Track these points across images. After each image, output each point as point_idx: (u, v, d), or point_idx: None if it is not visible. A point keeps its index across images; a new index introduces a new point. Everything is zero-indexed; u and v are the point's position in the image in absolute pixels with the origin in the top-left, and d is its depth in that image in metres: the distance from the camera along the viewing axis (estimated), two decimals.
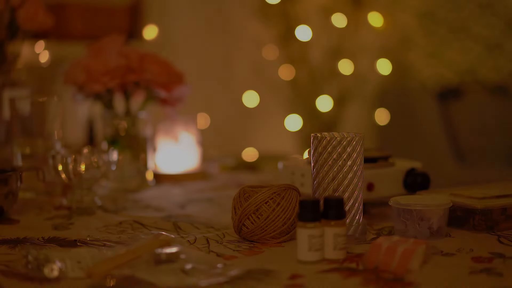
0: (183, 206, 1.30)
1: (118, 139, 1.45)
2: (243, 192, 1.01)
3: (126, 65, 1.40)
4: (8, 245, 1.00)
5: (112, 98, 1.45)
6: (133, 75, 1.41)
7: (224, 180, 1.59)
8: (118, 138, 1.45)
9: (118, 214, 1.22)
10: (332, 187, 0.97)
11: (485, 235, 1.02)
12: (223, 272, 0.85)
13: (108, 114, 1.46)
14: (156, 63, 1.43)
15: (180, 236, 1.05)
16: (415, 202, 1.00)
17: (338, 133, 1.00)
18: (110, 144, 1.44)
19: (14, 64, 1.57)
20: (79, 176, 1.26)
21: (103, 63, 1.39)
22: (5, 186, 1.14)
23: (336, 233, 0.90)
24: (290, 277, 0.84)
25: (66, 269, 0.85)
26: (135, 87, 1.46)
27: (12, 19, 1.50)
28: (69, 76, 1.43)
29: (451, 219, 1.04)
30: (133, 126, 1.46)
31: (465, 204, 1.05)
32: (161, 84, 1.44)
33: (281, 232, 0.99)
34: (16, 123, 1.35)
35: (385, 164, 1.22)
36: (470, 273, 0.85)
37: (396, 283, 0.82)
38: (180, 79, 1.48)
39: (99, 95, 1.44)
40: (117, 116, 1.46)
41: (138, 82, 1.44)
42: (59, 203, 1.28)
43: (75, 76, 1.40)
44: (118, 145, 1.44)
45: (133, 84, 1.44)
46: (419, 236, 0.99)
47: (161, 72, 1.43)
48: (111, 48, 1.42)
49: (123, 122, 1.45)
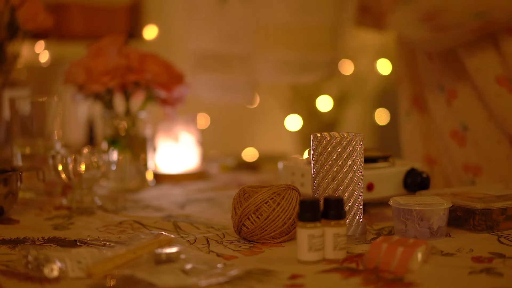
0: (183, 206, 1.30)
1: (118, 139, 1.45)
2: (243, 192, 1.01)
3: (126, 65, 1.40)
4: (8, 245, 1.00)
5: (112, 98, 1.45)
6: (133, 75, 1.41)
7: (224, 180, 1.59)
8: (118, 138, 1.45)
9: (118, 214, 1.22)
10: (332, 187, 0.98)
11: (485, 235, 1.02)
12: (223, 272, 0.85)
13: (108, 114, 1.46)
14: (157, 63, 1.43)
15: (180, 236, 1.05)
16: (415, 202, 1.00)
17: (338, 133, 1.00)
18: (110, 144, 1.44)
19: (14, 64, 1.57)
20: (79, 176, 1.25)
21: (103, 63, 1.38)
22: (5, 186, 1.14)
23: (336, 233, 0.90)
24: (290, 277, 0.84)
25: (66, 269, 0.84)
26: (135, 87, 1.45)
27: (12, 19, 1.50)
28: (69, 76, 1.42)
29: (451, 219, 1.04)
30: (133, 126, 1.46)
31: (465, 204, 1.05)
32: (161, 84, 1.44)
33: (281, 232, 0.99)
34: (16, 123, 1.35)
35: (385, 164, 1.22)
36: (470, 273, 0.85)
37: (396, 283, 0.82)
38: (180, 79, 1.48)
39: (99, 95, 1.44)
40: (117, 116, 1.46)
41: (138, 82, 1.43)
42: (59, 203, 1.28)
43: (75, 76, 1.40)
44: (118, 145, 1.44)
45: (133, 84, 1.44)
46: (419, 236, 0.99)
47: (161, 72, 1.43)
48: (111, 48, 1.42)
49: (123, 122, 1.45)
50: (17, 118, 1.36)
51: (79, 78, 1.40)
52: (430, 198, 1.04)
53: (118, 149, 1.40)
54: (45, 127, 1.36)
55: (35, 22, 1.52)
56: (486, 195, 1.08)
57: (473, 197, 1.08)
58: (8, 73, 1.56)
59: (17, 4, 1.50)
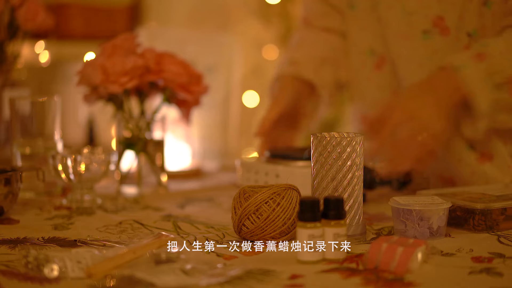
0: (183, 206, 1.30)
1: (135, 142, 1.40)
2: (243, 192, 1.01)
3: (144, 65, 1.35)
4: (8, 245, 1.00)
5: (124, 100, 1.39)
6: (152, 76, 1.36)
7: (224, 180, 1.59)
8: (134, 141, 1.40)
9: (118, 214, 1.22)
10: (332, 186, 0.98)
11: (485, 235, 1.02)
12: (223, 272, 0.85)
13: (121, 116, 1.40)
14: (175, 63, 1.37)
15: (180, 236, 1.06)
16: (415, 202, 1.01)
17: (338, 133, 1.00)
18: (126, 147, 1.40)
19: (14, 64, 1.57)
20: (79, 176, 1.26)
21: (120, 63, 1.32)
22: (5, 186, 1.14)
23: (336, 233, 0.90)
24: (290, 277, 0.84)
25: (66, 269, 0.84)
26: (151, 88, 1.40)
27: (12, 19, 1.50)
28: (83, 77, 1.36)
29: (451, 219, 1.04)
30: (148, 129, 1.41)
31: (465, 204, 1.05)
32: (181, 84, 1.38)
33: (281, 232, 0.99)
34: (16, 123, 1.35)
35: None
36: (470, 273, 0.85)
37: (396, 283, 0.82)
38: (199, 79, 1.41)
39: (113, 96, 1.38)
40: (132, 118, 1.40)
41: (155, 83, 1.39)
42: (59, 203, 1.28)
43: (91, 76, 1.33)
44: (134, 148, 1.40)
45: (149, 85, 1.39)
46: (418, 236, 0.99)
47: (181, 72, 1.37)
48: (125, 47, 1.36)
49: (139, 125, 1.40)
50: (17, 118, 1.36)
51: (95, 78, 1.33)
52: (429, 198, 1.04)
53: (135, 152, 1.38)
54: (45, 127, 1.36)
55: (35, 22, 1.52)
56: (486, 195, 1.08)
57: (472, 196, 1.08)
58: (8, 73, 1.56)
59: (17, 4, 1.50)
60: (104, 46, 1.38)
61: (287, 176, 1.21)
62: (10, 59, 1.55)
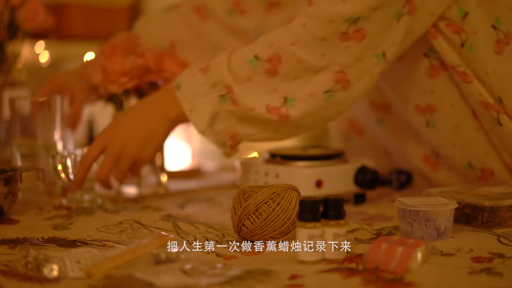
0: (183, 206, 1.30)
1: None
2: (243, 192, 1.01)
3: (144, 65, 1.35)
4: (8, 245, 1.00)
5: (124, 100, 1.39)
6: (151, 76, 1.36)
7: (224, 180, 1.59)
8: None
9: (118, 214, 1.22)
10: None
11: (485, 235, 1.03)
12: (223, 272, 0.85)
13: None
14: (175, 63, 1.37)
15: (180, 236, 1.05)
16: (421, 203, 1.00)
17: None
18: None
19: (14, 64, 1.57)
20: None
21: (119, 63, 1.32)
22: (5, 186, 1.14)
23: (335, 233, 0.90)
24: (290, 277, 0.84)
25: (65, 269, 0.84)
26: (150, 88, 1.39)
27: (12, 19, 1.50)
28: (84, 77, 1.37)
29: (458, 217, 1.06)
30: None
31: (474, 202, 1.06)
32: None
33: (281, 232, 0.99)
34: (16, 123, 1.35)
35: (335, 162, 1.25)
36: (470, 273, 0.85)
37: (396, 283, 0.82)
38: None
39: (113, 96, 1.38)
40: None
41: (155, 83, 1.38)
42: (59, 203, 1.28)
43: (91, 76, 1.34)
44: None
45: (149, 85, 1.38)
46: (426, 237, 0.98)
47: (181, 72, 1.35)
48: (125, 47, 1.37)
49: None
50: (17, 118, 1.36)
51: (95, 78, 1.34)
52: (435, 198, 1.03)
53: None
54: (45, 127, 1.36)
55: (35, 22, 1.52)
56: (492, 193, 1.10)
57: (479, 194, 1.10)
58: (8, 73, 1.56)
59: (17, 4, 1.50)
60: (103, 46, 1.38)
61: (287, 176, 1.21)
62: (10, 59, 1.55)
